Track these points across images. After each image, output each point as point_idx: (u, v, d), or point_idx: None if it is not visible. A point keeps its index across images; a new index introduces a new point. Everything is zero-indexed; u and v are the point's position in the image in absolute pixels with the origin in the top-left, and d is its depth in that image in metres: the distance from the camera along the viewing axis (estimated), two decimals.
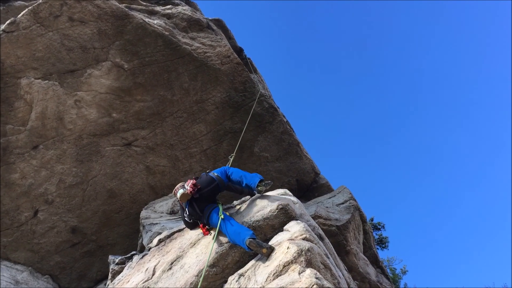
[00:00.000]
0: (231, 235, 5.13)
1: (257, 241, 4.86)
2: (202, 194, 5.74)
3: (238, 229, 5.12)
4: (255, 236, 5.00)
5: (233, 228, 5.17)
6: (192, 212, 5.82)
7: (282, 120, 10.93)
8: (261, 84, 11.24)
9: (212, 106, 10.06)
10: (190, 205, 5.82)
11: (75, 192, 9.39)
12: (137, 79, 9.26)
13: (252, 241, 4.85)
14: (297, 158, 11.21)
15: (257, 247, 4.82)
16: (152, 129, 9.72)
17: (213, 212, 5.60)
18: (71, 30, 8.67)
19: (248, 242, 4.85)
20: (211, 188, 5.79)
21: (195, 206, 5.76)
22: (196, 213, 5.76)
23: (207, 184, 5.82)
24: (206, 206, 5.71)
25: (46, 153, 9.03)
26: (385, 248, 20.81)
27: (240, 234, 5.02)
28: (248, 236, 4.92)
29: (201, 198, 5.75)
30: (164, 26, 9.44)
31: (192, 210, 5.81)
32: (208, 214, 5.62)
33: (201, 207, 5.74)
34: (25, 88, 8.62)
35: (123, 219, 9.86)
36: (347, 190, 10.67)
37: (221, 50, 10.06)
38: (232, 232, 5.13)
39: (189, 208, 5.85)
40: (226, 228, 5.23)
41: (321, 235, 5.66)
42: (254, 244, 4.83)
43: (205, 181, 5.85)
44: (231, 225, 5.23)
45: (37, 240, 9.33)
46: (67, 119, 9.02)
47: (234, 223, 5.30)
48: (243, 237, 4.96)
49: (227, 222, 5.31)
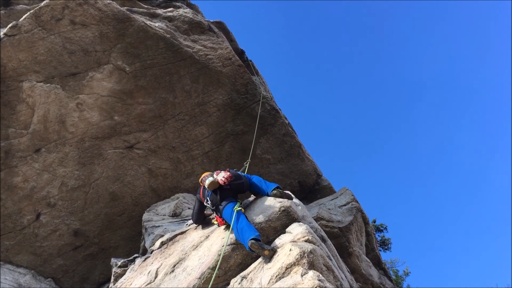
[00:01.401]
0: (238, 231, 5.15)
1: (259, 243, 4.85)
2: (231, 186, 5.90)
3: (245, 227, 5.12)
4: (260, 238, 5.00)
5: (241, 225, 5.18)
6: (214, 200, 5.92)
7: (284, 122, 10.93)
8: (262, 86, 11.25)
9: (214, 108, 10.06)
10: (213, 193, 5.94)
11: (77, 195, 9.40)
12: (139, 81, 9.27)
13: (254, 242, 4.83)
14: (299, 160, 11.21)
15: (259, 249, 4.81)
16: (154, 132, 9.72)
17: (229, 204, 5.67)
18: (73, 33, 8.69)
19: (250, 244, 4.84)
20: (237, 184, 5.97)
21: (218, 194, 5.87)
22: (217, 201, 5.86)
23: (237, 178, 6.02)
24: (227, 198, 5.82)
25: (48, 156, 9.03)
26: (388, 249, 20.82)
27: (245, 233, 5.02)
28: (252, 236, 4.91)
29: (227, 190, 5.89)
30: (165, 29, 9.45)
31: (214, 198, 5.92)
32: (224, 206, 5.71)
33: (222, 197, 5.84)
34: (27, 91, 8.63)
35: (125, 221, 9.86)
36: (349, 191, 10.65)
37: (222, 53, 10.07)
38: (239, 229, 5.15)
39: (211, 196, 5.97)
40: (237, 223, 5.25)
41: (323, 237, 5.65)
42: (256, 245, 4.82)
43: (235, 175, 6.05)
44: (240, 222, 5.25)
45: (40, 243, 9.33)
46: (69, 122, 9.03)
47: (244, 220, 5.30)
48: (247, 236, 4.95)
49: (239, 217, 5.34)
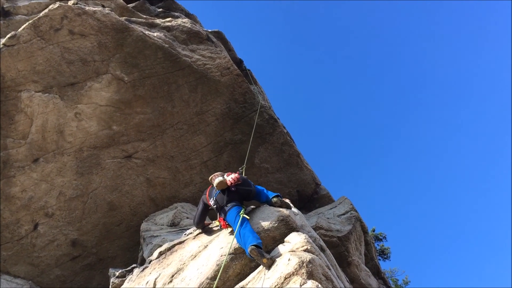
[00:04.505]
0: (241, 236, 5.16)
1: (259, 250, 4.85)
2: (238, 190, 5.90)
3: (248, 233, 5.13)
4: (261, 245, 4.99)
5: (244, 230, 5.19)
6: (220, 200, 5.93)
7: (283, 131, 10.94)
8: (261, 95, 11.28)
9: (212, 117, 10.07)
10: (221, 193, 5.96)
11: (75, 205, 9.36)
12: (137, 91, 9.29)
13: (255, 248, 4.84)
14: (298, 169, 11.20)
15: (258, 256, 4.81)
16: (152, 141, 9.72)
17: (235, 208, 5.68)
18: (72, 43, 8.72)
19: (250, 249, 4.85)
20: (246, 190, 5.99)
21: (225, 196, 5.89)
22: (223, 201, 5.87)
23: (245, 184, 6.06)
24: (232, 201, 5.82)
25: (47, 166, 9.02)
26: (387, 259, 20.75)
27: (248, 238, 5.03)
28: (254, 243, 4.91)
29: (234, 193, 5.89)
30: (164, 39, 9.49)
31: (220, 198, 5.93)
32: (230, 208, 5.71)
33: (229, 200, 5.85)
34: (25, 101, 8.63)
35: (123, 231, 9.81)
36: (348, 200, 10.64)
37: (220, 62, 10.11)
38: (242, 234, 5.15)
39: (218, 195, 5.98)
40: (240, 227, 5.25)
41: (322, 246, 5.64)
42: (255, 252, 4.82)
43: (244, 180, 6.10)
44: (244, 227, 5.26)
45: (37, 253, 9.28)
46: (68, 131, 9.02)
47: (248, 225, 5.31)
48: (249, 242, 4.96)
49: (244, 222, 5.35)
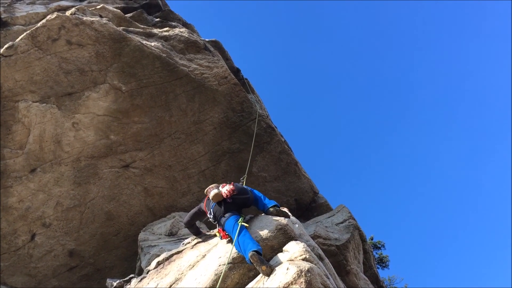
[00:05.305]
0: (240, 244, 5.16)
1: (260, 257, 4.85)
2: (234, 200, 5.93)
3: (247, 240, 5.14)
4: (262, 252, 4.99)
5: (243, 238, 5.20)
6: (217, 212, 5.95)
7: (280, 140, 10.95)
8: (258, 104, 11.30)
9: (210, 126, 10.08)
10: (217, 205, 5.98)
11: (72, 215, 9.32)
12: (135, 101, 9.30)
13: (255, 254, 4.84)
14: (296, 177, 11.19)
15: (257, 262, 4.80)
16: (150, 151, 9.71)
17: (232, 217, 5.70)
18: (69, 53, 8.74)
19: (251, 255, 4.85)
20: (243, 198, 6.02)
21: (222, 207, 5.91)
22: (220, 213, 5.89)
23: (241, 192, 6.06)
24: (230, 211, 5.84)
25: (44, 176, 8.99)
26: (386, 267, 20.73)
27: (247, 245, 5.04)
28: (254, 248, 4.91)
29: (230, 204, 5.92)
30: (161, 48, 9.52)
31: (217, 209, 5.96)
32: (227, 217, 5.73)
33: (226, 210, 5.87)
34: (23, 111, 8.63)
35: (121, 241, 9.77)
36: (346, 209, 10.62)
37: (218, 71, 10.14)
38: (241, 241, 5.16)
39: (214, 208, 6.01)
40: (239, 235, 5.25)
41: (320, 255, 5.63)
42: (255, 258, 4.82)
43: (240, 189, 6.09)
44: (243, 235, 5.27)
45: (34, 264, 9.21)
46: (65, 141, 9.01)
47: (247, 233, 5.32)
48: (249, 248, 4.95)
49: (243, 230, 5.36)
